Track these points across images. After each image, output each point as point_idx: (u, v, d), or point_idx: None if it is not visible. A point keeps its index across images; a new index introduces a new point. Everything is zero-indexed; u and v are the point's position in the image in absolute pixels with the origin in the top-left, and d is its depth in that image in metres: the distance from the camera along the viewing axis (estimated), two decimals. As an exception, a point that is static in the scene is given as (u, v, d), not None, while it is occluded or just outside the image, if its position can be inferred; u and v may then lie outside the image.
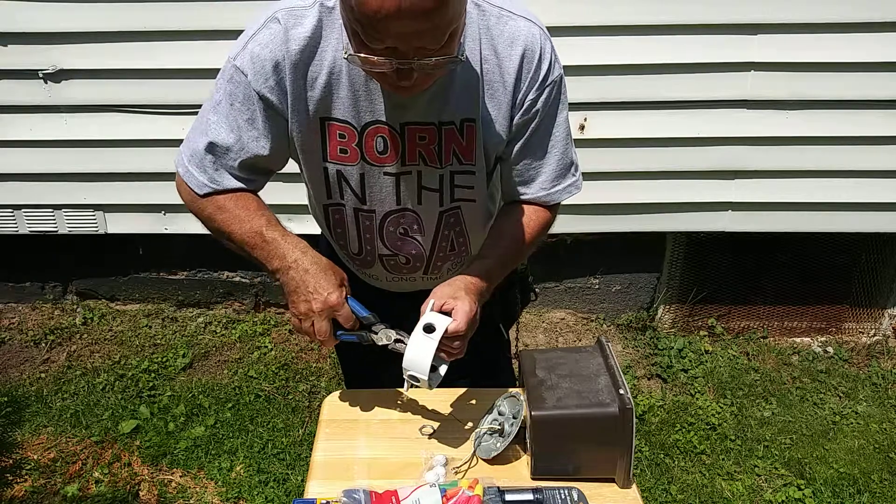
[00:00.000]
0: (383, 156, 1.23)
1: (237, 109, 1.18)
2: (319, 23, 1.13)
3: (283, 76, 1.15)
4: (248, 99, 1.16)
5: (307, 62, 1.14)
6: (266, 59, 1.14)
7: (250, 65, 1.14)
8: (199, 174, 1.23)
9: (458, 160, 1.25)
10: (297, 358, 2.80)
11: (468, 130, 1.22)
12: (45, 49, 2.46)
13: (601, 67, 2.46)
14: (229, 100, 1.18)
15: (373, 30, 0.97)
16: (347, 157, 1.23)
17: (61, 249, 2.92)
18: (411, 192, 1.28)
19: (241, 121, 1.18)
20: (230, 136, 1.19)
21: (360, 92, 1.17)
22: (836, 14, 2.35)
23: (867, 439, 2.49)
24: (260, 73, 1.14)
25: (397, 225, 1.32)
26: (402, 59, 1.00)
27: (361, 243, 1.37)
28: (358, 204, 1.30)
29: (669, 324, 3.03)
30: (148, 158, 2.64)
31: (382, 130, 1.20)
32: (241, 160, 1.21)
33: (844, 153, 2.59)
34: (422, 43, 0.99)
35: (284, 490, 2.22)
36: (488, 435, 1.27)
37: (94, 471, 2.28)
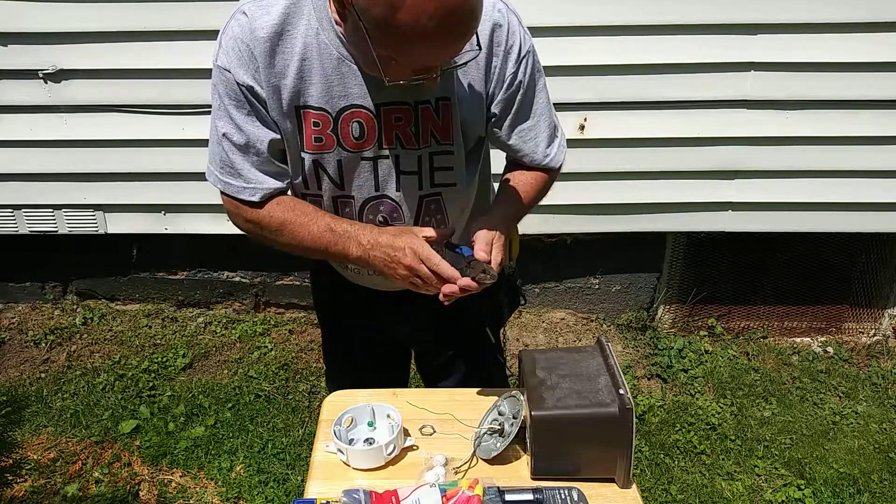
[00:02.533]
0: (359, 141, 1.22)
1: (234, 107, 1.19)
2: (287, 10, 1.13)
3: (259, 67, 1.15)
4: (238, 93, 1.17)
5: (276, 51, 1.15)
6: (240, 50, 1.14)
7: (227, 60, 1.15)
8: (234, 180, 1.24)
9: (435, 140, 1.25)
10: (297, 358, 2.80)
11: (444, 109, 1.22)
12: (45, 49, 2.46)
13: (601, 67, 2.45)
14: (225, 101, 1.19)
15: (411, 58, 1.01)
16: (323, 146, 1.22)
17: (61, 249, 2.92)
18: (390, 178, 1.27)
19: (242, 116, 1.19)
20: (241, 135, 1.20)
21: (333, 77, 1.17)
22: (836, 14, 2.35)
23: (867, 439, 2.48)
24: (238, 65, 1.15)
25: (376, 213, 1.30)
26: (435, 70, 1.05)
27: None
28: (336, 191, 1.28)
29: (669, 324, 3.03)
30: (148, 158, 2.64)
31: (358, 115, 1.20)
32: (261, 151, 1.22)
33: (844, 153, 2.59)
34: (456, 54, 1.05)
35: (284, 490, 2.22)
36: (488, 435, 1.27)
37: (94, 471, 2.28)
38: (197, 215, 2.76)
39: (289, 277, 2.99)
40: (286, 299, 3.03)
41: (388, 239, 1.18)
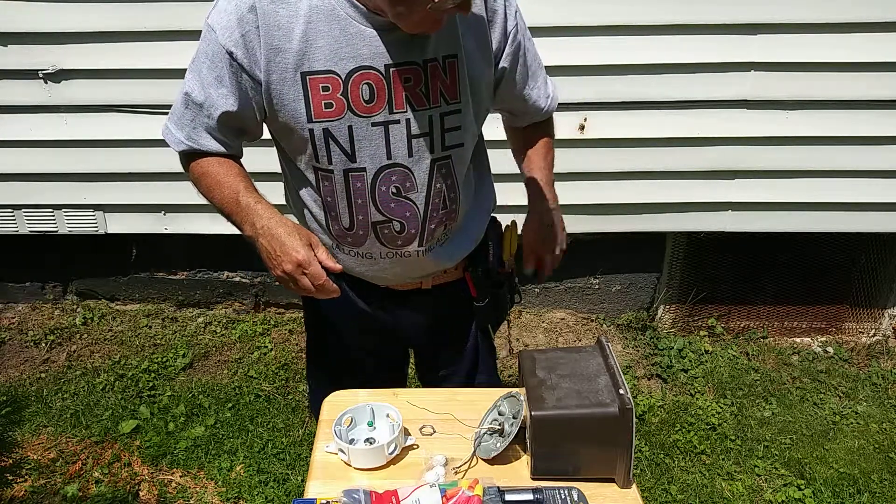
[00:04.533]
0: (370, 104, 1.21)
1: (207, 67, 1.19)
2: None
3: (252, 31, 1.14)
4: (217, 55, 1.17)
5: (280, 12, 1.14)
6: (233, 13, 1.14)
7: (218, 20, 1.15)
8: (176, 130, 1.27)
9: (444, 100, 1.25)
10: (297, 358, 2.80)
11: (450, 67, 1.23)
12: (45, 49, 2.46)
13: (601, 67, 2.46)
14: (201, 58, 1.19)
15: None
16: (333, 112, 1.20)
17: (61, 249, 2.92)
18: (401, 143, 1.25)
19: (211, 78, 1.20)
20: (201, 93, 1.21)
21: (341, 38, 1.16)
22: (836, 14, 2.35)
23: (867, 439, 2.48)
24: (226, 28, 1.15)
25: (389, 183, 1.28)
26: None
27: (352, 212, 1.31)
28: (347, 163, 1.25)
29: (669, 324, 3.03)
30: (148, 158, 2.64)
31: (368, 76, 1.19)
32: (212, 117, 1.23)
33: (844, 153, 2.59)
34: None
35: (284, 490, 2.22)
36: (488, 435, 1.27)
37: (94, 471, 2.28)
38: (197, 215, 2.76)
39: (289, 277, 2.99)
40: (286, 299, 3.03)
41: (285, 233, 1.17)
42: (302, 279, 1.17)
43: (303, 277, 1.17)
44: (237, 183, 1.26)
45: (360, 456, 1.22)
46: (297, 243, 1.17)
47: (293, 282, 1.18)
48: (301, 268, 1.16)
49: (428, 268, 1.42)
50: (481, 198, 1.45)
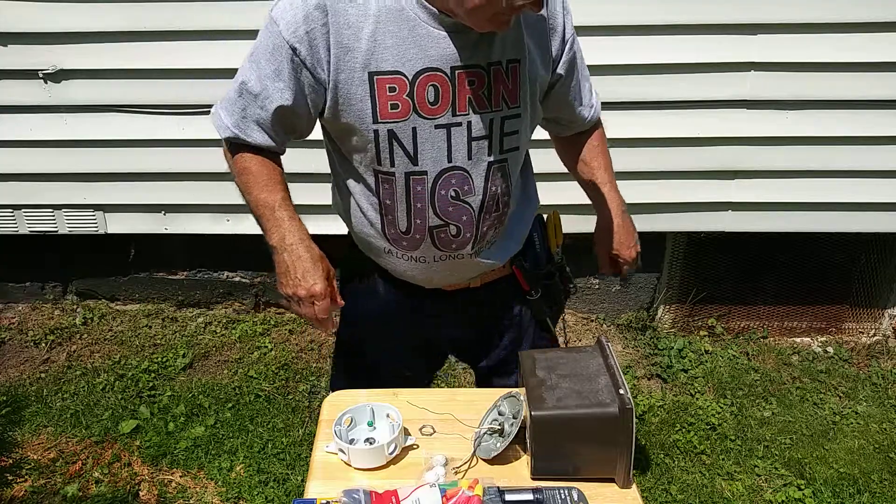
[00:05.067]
0: (434, 106, 1.21)
1: (266, 59, 1.18)
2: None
3: (318, 29, 1.14)
4: (278, 49, 1.16)
5: (350, 11, 1.13)
6: (300, 9, 1.13)
7: (283, 14, 1.14)
8: (226, 117, 1.26)
9: (505, 104, 1.26)
10: (297, 358, 2.80)
11: (513, 71, 1.24)
12: (45, 49, 2.46)
13: (601, 67, 2.44)
14: (261, 49, 1.19)
15: None
16: (399, 113, 1.21)
17: (61, 249, 2.92)
18: (462, 146, 1.26)
19: (269, 70, 1.19)
20: (258, 84, 1.21)
21: (409, 39, 1.16)
22: (837, 14, 2.35)
23: (867, 439, 2.48)
24: (291, 24, 1.14)
25: (448, 187, 1.29)
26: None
27: (411, 216, 1.32)
28: (409, 166, 1.26)
29: (669, 324, 3.03)
30: (148, 158, 2.65)
31: (434, 78, 1.19)
32: (266, 109, 1.22)
33: (844, 153, 2.59)
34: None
35: (284, 490, 2.22)
36: (488, 435, 1.27)
37: (94, 471, 2.28)
38: (197, 215, 2.76)
39: (289, 277, 2.99)
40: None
41: (310, 259, 1.22)
42: (308, 308, 1.23)
43: (311, 307, 1.22)
44: (276, 192, 1.28)
45: (360, 456, 1.22)
46: (318, 275, 1.22)
47: (298, 305, 1.23)
48: (313, 298, 1.21)
49: (477, 268, 1.44)
50: (527, 198, 1.48)
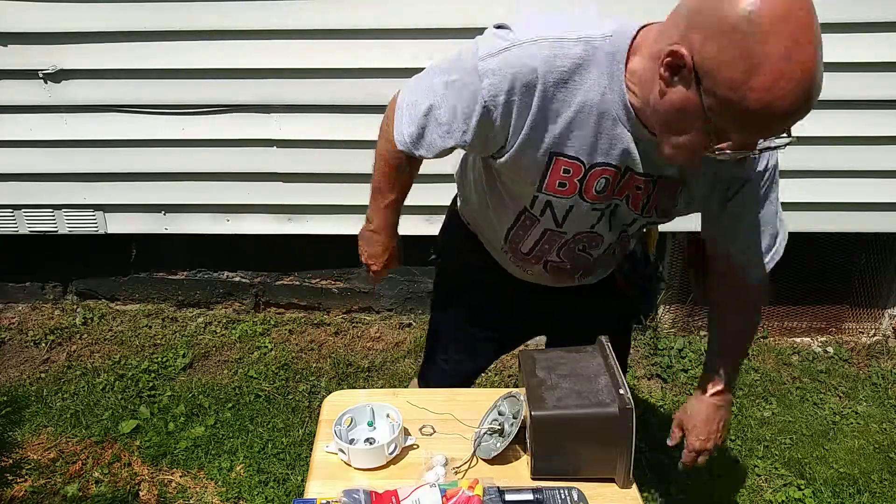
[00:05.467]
0: (599, 194, 1.23)
1: (462, 99, 1.16)
2: (582, 60, 1.08)
3: (521, 104, 1.11)
4: (474, 100, 1.14)
5: (557, 96, 1.11)
6: (508, 78, 1.09)
7: (491, 74, 1.10)
8: (408, 126, 1.26)
9: (656, 213, 1.28)
10: (297, 358, 2.80)
11: (674, 187, 1.23)
12: (45, 49, 2.46)
13: (601, 67, 2.45)
14: (460, 85, 1.16)
15: (768, 127, 0.97)
16: (564, 191, 1.23)
17: (61, 249, 2.92)
18: (605, 222, 1.31)
19: (461, 110, 1.17)
20: (447, 116, 1.20)
21: (601, 135, 1.15)
22: (836, 14, 2.35)
23: (867, 439, 2.48)
24: (495, 87, 1.11)
25: (580, 243, 1.35)
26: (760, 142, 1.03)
27: (536, 248, 1.39)
28: (553, 226, 1.32)
29: (669, 324, 3.03)
30: (148, 158, 2.64)
31: (608, 172, 1.19)
32: (445, 140, 1.23)
33: (844, 153, 2.59)
34: (793, 124, 1.01)
35: (284, 490, 2.22)
36: (488, 435, 1.27)
37: (94, 471, 2.28)
38: (197, 215, 2.76)
39: (289, 277, 2.99)
40: (286, 299, 3.03)
41: (382, 246, 1.55)
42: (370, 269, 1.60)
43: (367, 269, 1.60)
44: (395, 192, 1.45)
45: (360, 456, 1.22)
46: (380, 260, 1.57)
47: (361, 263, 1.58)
48: (369, 268, 1.59)
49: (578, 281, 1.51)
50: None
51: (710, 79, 0.92)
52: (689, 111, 0.97)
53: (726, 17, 0.88)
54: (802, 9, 0.87)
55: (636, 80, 1.07)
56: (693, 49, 0.92)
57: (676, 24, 0.97)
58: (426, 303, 3.00)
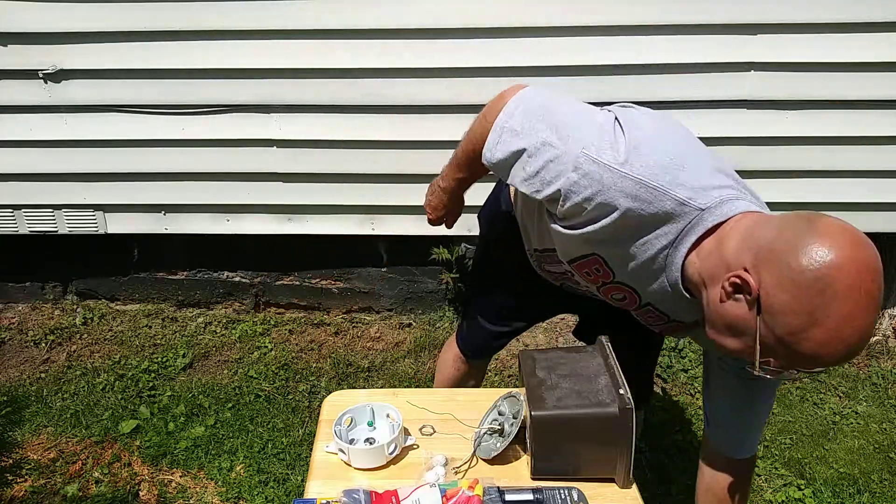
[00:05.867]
0: (615, 301, 1.29)
1: (549, 170, 1.15)
2: (665, 216, 1.07)
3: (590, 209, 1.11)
4: (557, 177, 1.13)
5: (626, 229, 1.11)
6: (595, 191, 1.09)
7: (584, 176, 1.09)
8: (499, 152, 1.23)
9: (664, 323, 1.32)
10: (297, 358, 2.80)
11: (687, 327, 1.28)
12: (45, 49, 2.46)
13: (601, 67, 2.45)
14: (554, 157, 1.14)
15: (811, 367, 0.97)
16: (587, 278, 1.28)
17: (61, 249, 2.92)
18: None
19: (544, 176, 1.16)
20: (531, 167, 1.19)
21: (645, 273, 1.17)
22: (836, 14, 2.35)
23: (867, 439, 2.48)
24: (578, 187, 1.10)
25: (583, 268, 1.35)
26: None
27: (558, 275, 1.50)
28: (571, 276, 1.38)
29: (669, 324, 3.03)
30: (148, 158, 2.65)
31: (632, 295, 1.25)
32: (519, 186, 1.22)
33: (845, 153, 2.59)
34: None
35: (284, 490, 2.22)
36: (488, 435, 1.27)
37: (94, 471, 2.28)
38: (197, 215, 2.76)
39: (289, 277, 2.99)
40: (286, 299, 3.03)
41: (440, 201, 1.57)
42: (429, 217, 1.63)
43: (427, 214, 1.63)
44: (471, 173, 1.47)
45: (360, 456, 1.22)
46: (436, 213, 1.60)
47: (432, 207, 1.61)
48: (428, 214, 1.62)
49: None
50: None
51: (771, 317, 0.94)
52: (742, 327, 0.98)
53: (800, 270, 0.90)
54: (871, 280, 0.90)
55: (701, 260, 1.07)
56: (762, 284, 0.94)
57: (749, 246, 0.98)
58: (426, 303, 3.00)
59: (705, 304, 1.06)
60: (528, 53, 2.41)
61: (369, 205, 2.71)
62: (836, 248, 0.89)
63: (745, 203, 1.07)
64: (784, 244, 0.93)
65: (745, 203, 1.07)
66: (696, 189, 1.05)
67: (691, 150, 1.12)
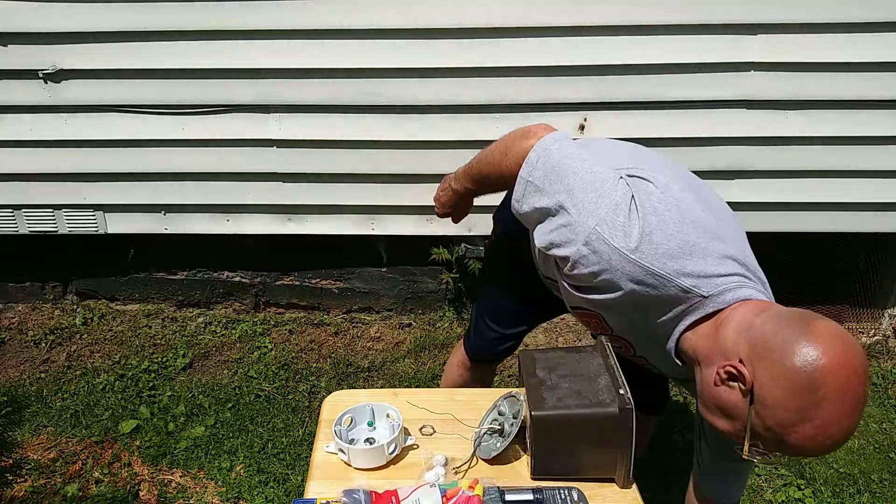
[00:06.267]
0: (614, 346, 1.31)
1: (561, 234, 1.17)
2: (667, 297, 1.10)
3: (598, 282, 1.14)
4: (568, 243, 1.15)
5: (628, 304, 1.15)
6: (603, 269, 1.11)
7: (593, 253, 1.11)
8: (525, 205, 1.24)
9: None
10: (297, 358, 2.80)
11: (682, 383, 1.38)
12: (45, 49, 2.46)
13: (601, 67, 2.45)
14: (567, 223, 1.15)
15: (796, 455, 1.03)
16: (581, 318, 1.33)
17: (61, 249, 2.92)
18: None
19: (558, 238, 1.18)
20: (548, 226, 1.20)
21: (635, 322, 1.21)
22: (836, 14, 2.35)
23: (867, 439, 2.48)
24: (587, 262, 1.12)
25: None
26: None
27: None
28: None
29: (669, 324, 3.03)
30: (148, 158, 2.64)
31: (626, 347, 1.31)
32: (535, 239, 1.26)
33: (845, 153, 2.59)
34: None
35: (284, 490, 2.22)
36: (488, 435, 1.27)
37: (94, 471, 2.28)
38: (197, 215, 2.76)
39: (289, 277, 2.99)
40: (286, 299, 3.03)
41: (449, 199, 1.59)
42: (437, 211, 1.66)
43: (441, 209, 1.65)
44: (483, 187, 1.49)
45: (360, 456, 1.22)
46: (444, 209, 1.63)
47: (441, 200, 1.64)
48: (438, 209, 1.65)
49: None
50: None
51: (763, 408, 0.97)
52: (734, 412, 1.02)
53: (794, 370, 0.94)
54: (859, 384, 0.94)
55: (697, 339, 1.11)
56: (756, 377, 0.98)
57: (747, 338, 1.01)
58: (426, 303, 3.00)
59: (698, 381, 1.10)
60: (527, 53, 2.41)
61: (369, 205, 2.71)
62: (829, 353, 0.93)
63: (748, 291, 1.10)
64: (781, 342, 0.97)
65: (748, 291, 1.10)
66: (700, 278, 1.09)
67: (705, 235, 1.13)
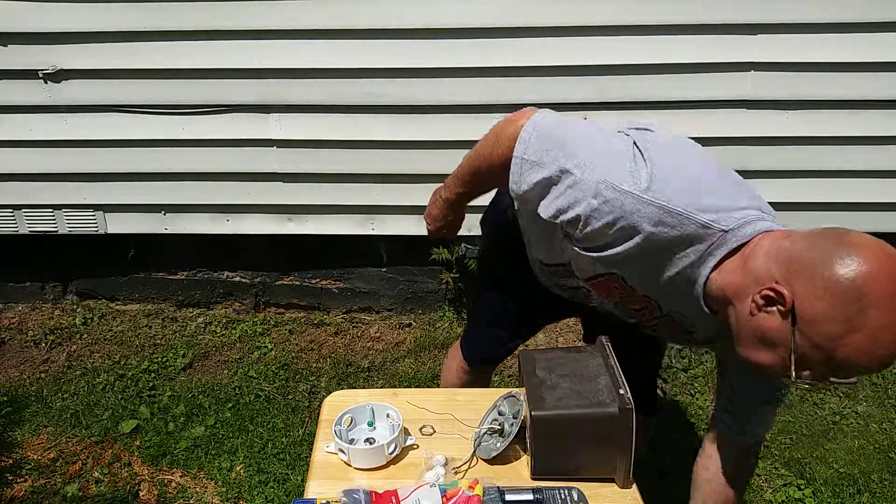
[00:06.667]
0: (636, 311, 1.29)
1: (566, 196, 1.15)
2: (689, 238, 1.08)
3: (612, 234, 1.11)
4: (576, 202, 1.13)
5: (648, 252, 1.13)
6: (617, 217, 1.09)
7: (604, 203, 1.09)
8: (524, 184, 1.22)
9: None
10: (297, 358, 2.80)
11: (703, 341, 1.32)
12: (45, 49, 2.46)
13: (601, 67, 2.45)
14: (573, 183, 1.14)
15: (849, 373, 0.97)
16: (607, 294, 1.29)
17: (61, 249, 2.92)
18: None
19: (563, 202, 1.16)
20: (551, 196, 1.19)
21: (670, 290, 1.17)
22: (836, 14, 2.35)
23: (867, 439, 2.48)
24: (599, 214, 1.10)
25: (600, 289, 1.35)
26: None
27: (563, 287, 1.48)
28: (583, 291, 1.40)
29: (669, 324, 3.03)
30: (148, 158, 2.65)
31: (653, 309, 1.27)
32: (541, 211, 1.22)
33: (845, 153, 2.59)
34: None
35: (284, 490, 2.22)
36: (488, 435, 1.27)
37: (94, 471, 2.28)
38: (197, 215, 2.76)
39: (289, 277, 2.99)
40: (286, 299, 3.03)
41: (441, 212, 1.57)
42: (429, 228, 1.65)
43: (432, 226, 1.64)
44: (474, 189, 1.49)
45: (360, 456, 1.22)
46: (437, 224, 1.61)
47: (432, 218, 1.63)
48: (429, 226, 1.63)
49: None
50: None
51: (808, 326, 0.94)
52: (775, 339, 0.99)
53: (835, 280, 0.92)
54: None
55: (725, 277, 1.08)
56: (796, 295, 0.95)
57: (779, 260, 0.99)
58: (426, 303, 3.00)
59: (733, 321, 1.06)
60: (527, 53, 2.41)
61: (369, 205, 2.71)
62: (869, 259, 0.91)
63: (767, 223, 1.08)
64: (816, 256, 0.95)
65: (767, 223, 1.08)
66: (719, 211, 1.07)
67: (712, 173, 1.14)
